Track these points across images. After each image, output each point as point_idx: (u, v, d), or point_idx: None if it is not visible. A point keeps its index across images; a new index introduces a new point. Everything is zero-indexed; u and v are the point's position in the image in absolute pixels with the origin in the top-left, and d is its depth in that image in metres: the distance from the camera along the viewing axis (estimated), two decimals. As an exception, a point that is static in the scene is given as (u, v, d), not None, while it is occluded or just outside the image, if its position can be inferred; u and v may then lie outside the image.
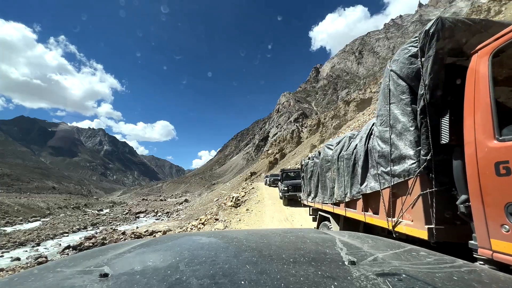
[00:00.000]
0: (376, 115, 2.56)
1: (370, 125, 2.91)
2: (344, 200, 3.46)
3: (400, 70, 2.07)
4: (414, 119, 1.93)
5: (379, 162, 2.42)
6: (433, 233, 1.75)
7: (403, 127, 2.03)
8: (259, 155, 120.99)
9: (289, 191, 12.09)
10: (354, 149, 3.21)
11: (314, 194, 5.27)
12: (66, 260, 0.93)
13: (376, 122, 2.56)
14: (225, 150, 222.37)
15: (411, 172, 1.93)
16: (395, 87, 2.14)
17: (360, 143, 2.98)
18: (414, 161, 1.90)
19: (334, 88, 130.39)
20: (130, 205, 65.00)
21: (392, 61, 2.25)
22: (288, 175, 13.92)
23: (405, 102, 2.02)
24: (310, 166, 5.65)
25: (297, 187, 12.03)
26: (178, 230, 17.36)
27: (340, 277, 0.65)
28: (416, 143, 1.90)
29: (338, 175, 3.75)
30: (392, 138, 2.18)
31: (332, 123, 50.34)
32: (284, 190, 12.29)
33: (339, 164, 3.70)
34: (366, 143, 2.81)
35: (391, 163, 2.19)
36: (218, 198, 31.82)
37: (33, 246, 19.65)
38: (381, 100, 2.44)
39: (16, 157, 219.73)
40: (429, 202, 1.81)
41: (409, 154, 1.95)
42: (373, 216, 2.71)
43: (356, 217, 3.16)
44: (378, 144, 2.41)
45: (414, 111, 1.93)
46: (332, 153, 4.13)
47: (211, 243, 1.12)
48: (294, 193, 11.95)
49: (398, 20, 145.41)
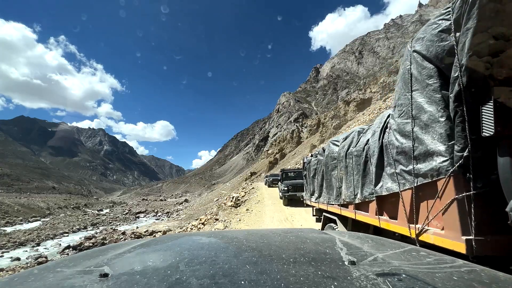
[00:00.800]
0: (393, 105, 2.25)
1: (385, 117, 2.56)
2: (354, 201, 3.17)
3: (427, 50, 1.74)
4: (445, 107, 1.63)
5: (397, 159, 2.12)
6: (472, 246, 1.47)
7: (430, 117, 1.73)
8: (259, 155, 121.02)
9: (289, 191, 12.11)
10: (365, 144, 2.89)
11: (318, 194, 5.05)
12: (66, 260, 0.93)
13: (393, 114, 2.24)
14: (225, 150, 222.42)
15: (441, 171, 1.64)
16: (420, 70, 1.83)
17: (373, 138, 2.67)
18: (445, 158, 1.61)
19: (334, 88, 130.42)
20: (130, 205, 65.00)
21: (415, 40, 1.91)
22: (288, 175, 13.93)
23: (433, 88, 1.71)
24: (314, 164, 5.38)
25: (297, 187, 12.05)
26: (178, 230, 17.36)
27: (340, 277, 0.65)
28: (448, 136, 1.60)
29: (346, 174, 3.46)
30: (415, 132, 1.88)
31: (332, 123, 50.33)
32: (284, 190, 12.31)
33: (347, 162, 3.39)
34: (381, 138, 2.48)
35: (414, 160, 1.90)
36: (218, 198, 31.83)
37: (33, 246, 19.66)
38: (400, 87, 2.11)
39: (16, 157, 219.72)
40: (467, 208, 1.52)
41: (439, 150, 1.65)
42: (390, 221, 2.40)
43: (368, 221, 2.86)
44: (397, 138, 2.12)
45: (445, 98, 1.63)
46: (339, 149, 3.81)
47: (211, 243, 1.12)
48: (294, 193, 11.98)
49: (398, 20, 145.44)
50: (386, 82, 47.78)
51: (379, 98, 45.68)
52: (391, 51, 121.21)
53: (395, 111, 2.18)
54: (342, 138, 3.91)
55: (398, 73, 2.20)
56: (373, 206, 2.71)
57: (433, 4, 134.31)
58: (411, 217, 2.02)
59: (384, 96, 42.66)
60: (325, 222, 4.70)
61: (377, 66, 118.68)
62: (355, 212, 3.20)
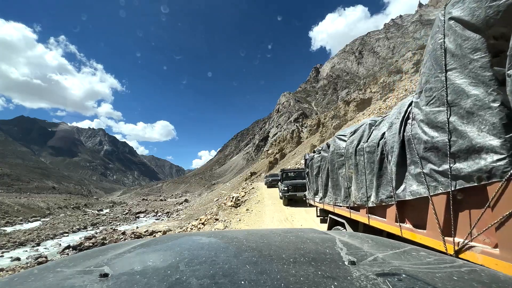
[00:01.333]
0: (418, 91, 1.87)
1: (405, 105, 2.14)
2: (367, 204, 2.82)
3: (471, 15, 1.35)
4: (498, 89, 1.27)
5: (426, 157, 1.76)
6: None
7: (475, 103, 1.36)
8: (259, 155, 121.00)
9: (289, 191, 12.14)
10: (380, 139, 2.51)
11: (323, 194, 4.72)
12: (66, 260, 0.93)
13: (418, 101, 1.87)
14: (225, 150, 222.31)
15: (494, 173, 1.28)
16: (459, 43, 1.44)
17: (391, 132, 2.28)
18: (501, 156, 1.25)
19: (334, 88, 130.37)
20: (130, 205, 64.99)
21: (452, 4, 1.50)
22: (288, 175, 13.96)
23: (480, 65, 1.34)
24: (317, 161, 5.01)
25: (297, 187, 12.07)
26: (178, 230, 17.35)
27: (340, 277, 0.65)
28: (504, 127, 1.23)
29: (356, 172, 3.07)
30: (452, 122, 1.51)
31: (332, 123, 50.32)
32: (284, 190, 12.33)
33: (357, 159, 3.01)
34: (401, 131, 2.10)
35: (451, 158, 1.54)
36: (218, 198, 31.81)
37: (33, 246, 19.66)
38: (428, 68, 1.72)
39: (16, 157, 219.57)
40: None
41: (491, 145, 1.29)
42: (415, 231, 2.02)
43: (385, 228, 2.49)
44: (424, 131, 1.75)
45: (498, 77, 1.27)
46: (346, 145, 3.40)
47: (211, 243, 1.12)
48: (294, 193, 12.00)
49: (398, 20, 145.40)
50: (386, 82, 47.77)
51: (379, 98, 45.66)
52: (391, 51, 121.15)
53: (422, 97, 1.79)
54: (350, 132, 3.45)
55: (425, 51, 1.80)
56: (392, 211, 2.34)
57: (433, 4, 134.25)
58: (446, 229, 1.66)
59: (384, 96, 42.66)
60: (332, 224, 4.40)
61: (377, 66, 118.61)
62: (368, 217, 2.86)
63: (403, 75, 46.05)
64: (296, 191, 12.01)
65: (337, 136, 3.93)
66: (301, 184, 12.18)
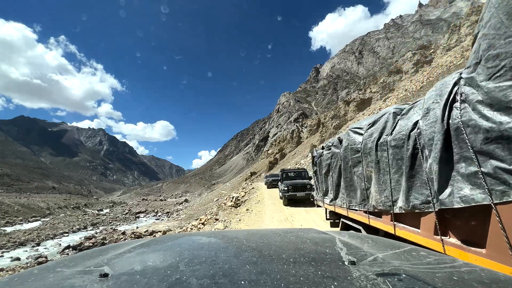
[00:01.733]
0: (472, 62, 1.44)
1: (449, 84, 1.68)
2: (392, 210, 2.39)
3: None
4: None
5: (487, 150, 1.33)
6: None
7: None
8: (259, 155, 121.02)
9: (289, 191, 12.19)
10: (411, 130, 2.07)
11: (334, 195, 4.33)
12: (66, 260, 0.93)
13: (471, 76, 1.45)
14: (225, 150, 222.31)
15: None
16: None
17: (427, 120, 1.83)
18: None
19: (334, 88, 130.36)
20: (130, 205, 65.01)
21: None
22: (288, 175, 14.02)
23: None
24: (326, 158, 4.57)
25: (297, 187, 12.14)
26: (178, 230, 17.36)
27: (340, 277, 0.65)
28: None
29: (377, 171, 2.63)
30: None
31: (332, 123, 50.33)
32: (284, 190, 12.37)
33: (379, 156, 2.57)
34: (445, 118, 1.64)
35: None
36: (218, 198, 31.83)
37: (33, 246, 19.66)
38: (494, 27, 1.27)
39: (16, 157, 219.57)
40: None
41: None
42: (467, 249, 1.57)
43: (419, 241, 2.03)
44: (484, 115, 1.33)
45: None
46: (364, 139, 2.95)
47: (211, 243, 1.12)
48: (294, 193, 12.10)
49: (398, 20, 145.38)
50: (386, 82, 47.77)
51: (379, 98, 45.67)
52: (391, 51, 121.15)
53: (479, 70, 1.37)
54: (367, 124, 2.94)
55: (487, 4, 1.37)
56: (429, 221, 1.91)
57: (433, 4, 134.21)
58: None
59: (384, 96, 42.67)
60: (345, 229, 4.02)
61: (377, 66, 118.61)
62: (394, 225, 2.41)
63: (403, 75, 46.05)
64: (296, 191, 12.08)
65: (352, 129, 3.40)
66: (301, 184, 12.21)
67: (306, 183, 12.26)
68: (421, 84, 29.44)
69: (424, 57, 43.60)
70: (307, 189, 12.01)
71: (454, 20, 72.20)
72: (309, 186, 11.95)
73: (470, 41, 28.77)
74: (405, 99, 28.45)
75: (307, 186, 12.03)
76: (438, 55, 39.36)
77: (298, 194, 11.99)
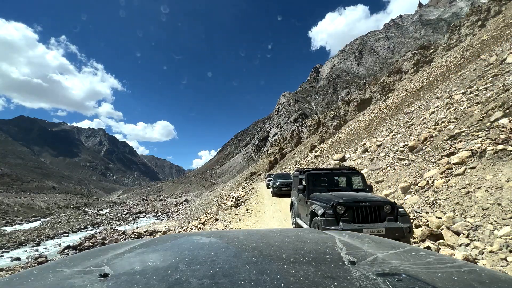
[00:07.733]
0: None
1: None
2: None
3: None
4: None
5: None
6: None
7: None
8: (259, 155, 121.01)
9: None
10: None
11: None
12: (66, 260, 0.93)
13: None
14: (225, 150, 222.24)
15: None
16: None
17: None
18: None
19: (334, 88, 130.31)
20: (130, 205, 65.01)
21: None
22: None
23: None
24: None
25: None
26: (178, 230, 17.37)
27: (340, 277, 0.65)
28: None
29: None
30: None
31: (332, 123, 50.31)
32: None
33: None
34: None
35: None
36: (218, 198, 31.83)
37: (33, 246, 19.68)
38: None
39: (16, 157, 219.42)
40: None
41: None
42: None
43: None
44: None
45: None
46: None
47: (211, 243, 1.12)
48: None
49: (398, 20, 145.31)
50: (386, 82, 47.75)
51: (379, 98, 45.63)
52: (391, 51, 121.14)
53: None
54: None
55: None
56: None
57: (433, 4, 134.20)
58: None
59: (384, 96, 42.66)
60: None
61: (377, 66, 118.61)
62: None
63: (403, 75, 46.04)
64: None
65: None
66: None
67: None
68: (421, 84, 29.42)
69: (424, 57, 43.56)
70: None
71: (454, 20, 72.17)
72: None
73: (470, 41, 28.74)
74: (405, 99, 28.47)
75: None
76: (438, 55, 39.35)
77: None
